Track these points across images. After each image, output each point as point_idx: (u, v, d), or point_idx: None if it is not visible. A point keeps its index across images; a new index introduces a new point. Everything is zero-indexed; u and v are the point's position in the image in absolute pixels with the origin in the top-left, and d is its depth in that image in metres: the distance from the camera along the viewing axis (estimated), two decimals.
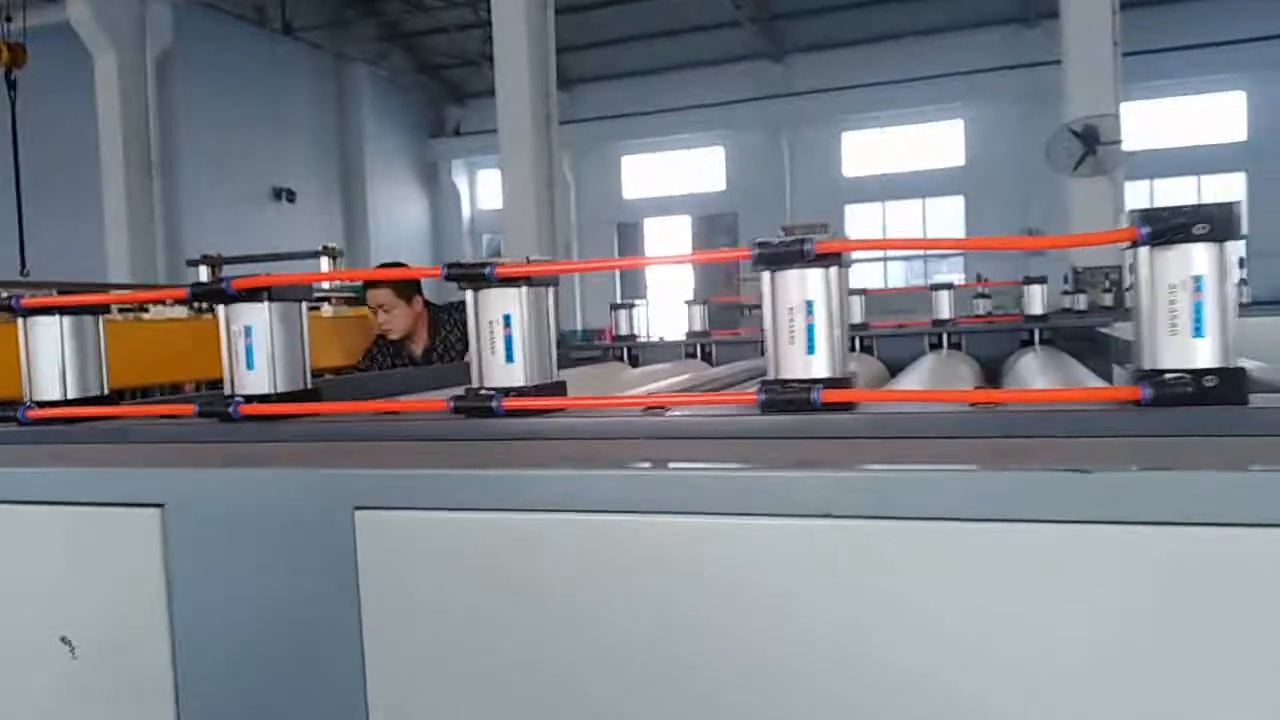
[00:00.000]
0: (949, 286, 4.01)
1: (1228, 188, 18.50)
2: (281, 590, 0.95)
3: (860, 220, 19.70)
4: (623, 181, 21.05)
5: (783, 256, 0.95)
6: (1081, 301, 6.63)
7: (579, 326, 13.19)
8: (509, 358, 1.07)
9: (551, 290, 1.12)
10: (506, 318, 1.07)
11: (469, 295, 1.09)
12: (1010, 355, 3.55)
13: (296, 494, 0.94)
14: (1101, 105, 9.71)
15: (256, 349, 1.18)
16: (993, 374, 3.36)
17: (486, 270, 1.04)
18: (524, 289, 1.07)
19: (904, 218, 19.99)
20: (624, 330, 4.18)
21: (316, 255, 4.54)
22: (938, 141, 19.54)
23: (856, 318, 3.94)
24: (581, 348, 4.28)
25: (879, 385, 2.98)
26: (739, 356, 4.00)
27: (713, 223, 20.24)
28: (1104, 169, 9.61)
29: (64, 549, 1.03)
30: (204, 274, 4.74)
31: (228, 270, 4.91)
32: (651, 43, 19.36)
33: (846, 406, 0.97)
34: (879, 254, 19.93)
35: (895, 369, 3.35)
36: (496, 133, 18.39)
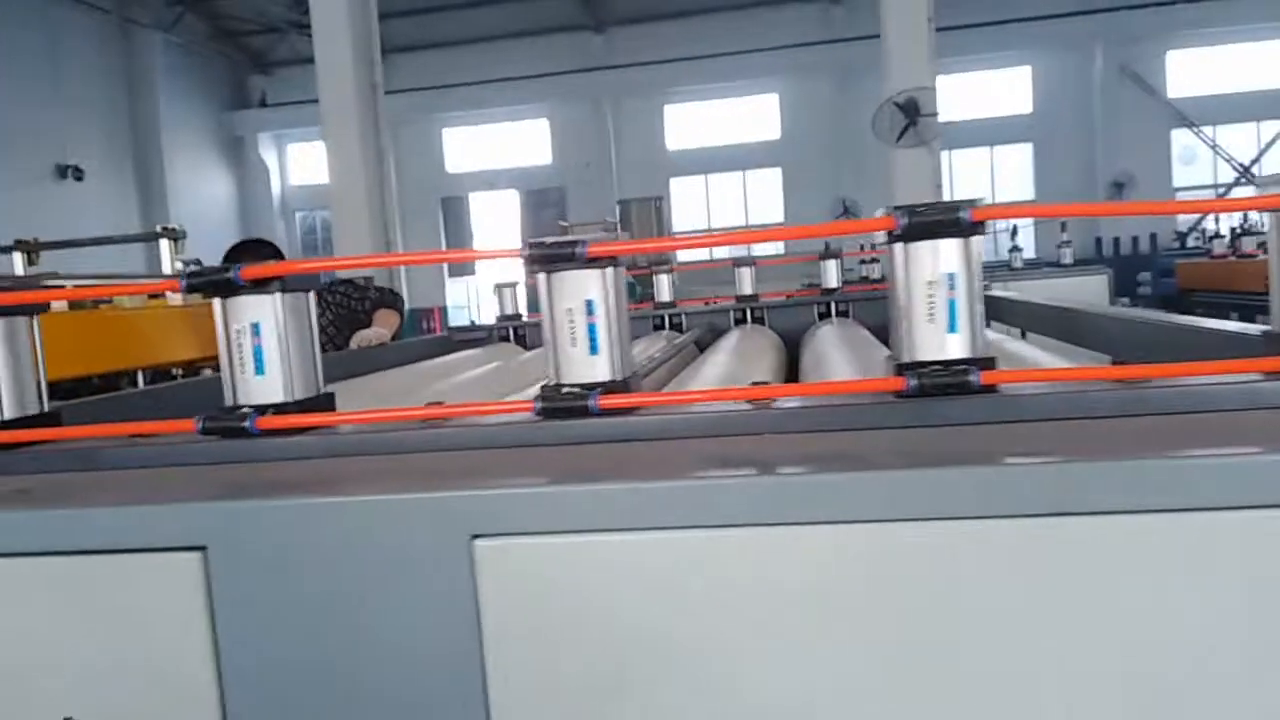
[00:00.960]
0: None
1: (1017, 158, 19.93)
2: (375, 644, 0.79)
3: (684, 193, 19.96)
4: (445, 154, 20.46)
5: (930, 228, 0.86)
6: (877, 270, 6.99)
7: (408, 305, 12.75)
8: (593, 349, 0.94)
9: (622, 271, 0.99)
10: (589, 304, 0.93)
11: (542, 280, 0.95)
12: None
13: (389, 524, 0.78)
14: (919, 78, 10.15)
15: (267, 350, 0.99)
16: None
17: (577, 250, 0.90)
18: (609, 270, 0.93)
19: (726, 191, 20.42)
20: (509, 310, 4.01)
21: (154, 238, 4.08)
22: (756, 115, 20.01)
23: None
24: (462, 329, 4.07)
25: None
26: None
27: (541, 197, 19.99)
28: (924, 140, 10.07)
29: (76, 610, 0.82)
30: (18, 261, 4.19)
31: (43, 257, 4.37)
32: (470, 11, 18.84)
33: (991, 389, 0.90)
34: (703, 226, 20.30)
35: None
36: (306, 104, 17.46)
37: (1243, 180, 19.91)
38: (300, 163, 20.74)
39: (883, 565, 0.71)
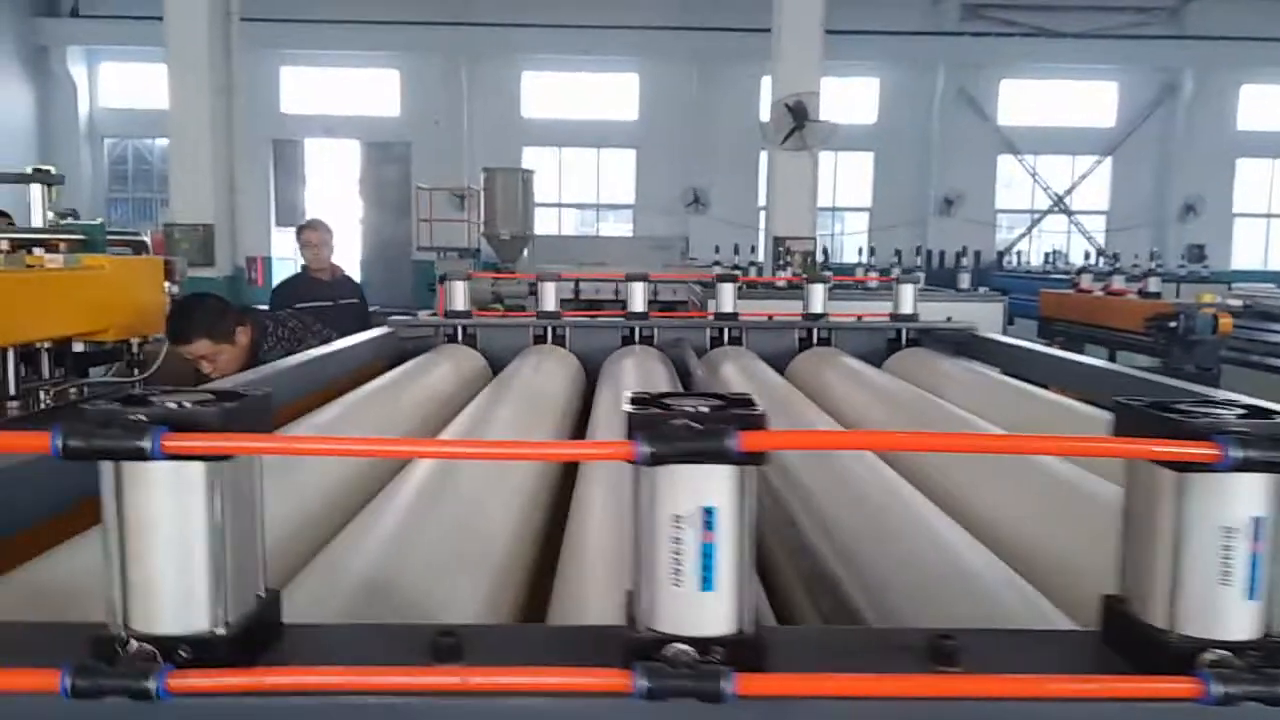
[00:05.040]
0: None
1: (861, 164, 20.58)
2: None
3: (538, 164, 19.42)
4: (281, 94, 18.99)
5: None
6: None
7: (239, 260, 11.43)
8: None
9: None
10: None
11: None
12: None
13: None
14: (807, 83, 10.09)
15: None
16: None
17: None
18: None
19: (580, 166, 20.07)
20: (458, 305, 3.53)
21: (24, 180, 3.29)
22: (615, 93, 19.71)
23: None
24: (405, 323, 3.54)
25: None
26: (595, 339, 3.51)
27: (385, 151, 18.90)
28: (809, 144, 10.04)
29: None
30: None
31: None
32: None
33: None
34: (554, 201, 19.82)
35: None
36: (124, 19, 15.75)
37: (1056, 208, 21.42)
38: (114, 84, 18.71)
39: None
